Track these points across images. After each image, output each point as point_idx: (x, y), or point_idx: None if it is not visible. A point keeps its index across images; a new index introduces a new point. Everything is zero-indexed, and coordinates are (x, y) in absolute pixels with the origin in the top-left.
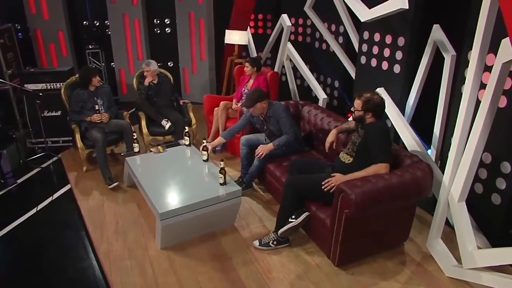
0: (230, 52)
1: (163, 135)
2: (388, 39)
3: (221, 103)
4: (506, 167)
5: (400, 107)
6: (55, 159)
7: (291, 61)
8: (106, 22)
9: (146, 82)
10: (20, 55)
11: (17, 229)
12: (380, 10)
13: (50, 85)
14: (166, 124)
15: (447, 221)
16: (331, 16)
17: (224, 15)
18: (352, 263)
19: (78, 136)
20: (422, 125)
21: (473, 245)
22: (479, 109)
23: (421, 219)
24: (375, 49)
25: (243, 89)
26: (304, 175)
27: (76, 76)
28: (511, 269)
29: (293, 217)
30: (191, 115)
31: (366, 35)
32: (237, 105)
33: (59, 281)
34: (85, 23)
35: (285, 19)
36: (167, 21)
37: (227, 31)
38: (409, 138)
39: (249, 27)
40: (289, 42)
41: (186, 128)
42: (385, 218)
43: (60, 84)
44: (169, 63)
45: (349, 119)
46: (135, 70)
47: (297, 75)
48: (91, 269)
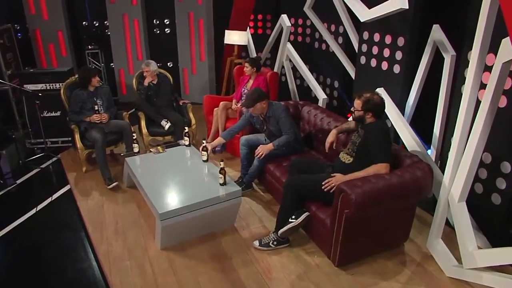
0: (229, 52)
1: (162, 136)
2: (388, 39)
3: (221, 103)
4: (506, 167)
5: (400, 107)
6: (54, 159)
7: (291, 61)
8: (105, 22)
9: (145, 83)
10: (20, 55)
11: (16, 229)
12: (380, 10)
13: (50, 85)
14: (166, 125)
15: (447, 221)
16: (330, 16)
17: (223, 15)
18: (352, 263)
19: (77, 137)
20: (422, 125)
21: (473, 245)
22: (479, 109)
23: (421, 219)
24: (374, 49)
25: (242, 89)
26: (304, 175)
27: (76, 76)
28: (511, 269)
29: (293, 217)
30: (190, 115)
31: (365, 35)
32: (236, 105)
33: (58, 282)
34: (84, 23)
35: (285, 19)
36: (166, 21)
37: (226, 31)
38: (409, 138)
39: (248, 27)
40: (288, 42)
41: (185, 128)
42: (385, 218)
43: (60, 85)
44: (168, 63)
45: (348, 119)
46: (134, 70)
47: (296, 75)
48: (91, 269)
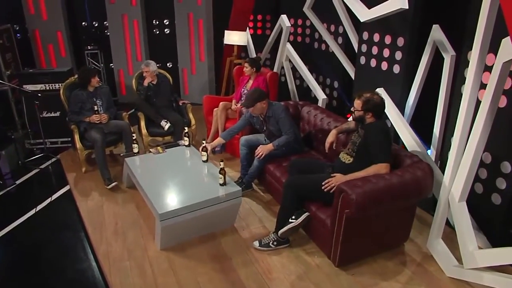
0: (229, 52)
1: (162, 136)
2: (388, 39)
3: (221, 103)
4: (506, 167)
5: (400, 107)
6: (54, 160)
7: (290, 62)
8: (105, 22)
9: (145, 83)
10: (19, 55)
11: (16, 230)
12: (380, 10)
13: (49, 85)
14: (166, 125)
15: (447, 221)
16: (330, 16)
17: (223, 15)
18: (353, 264)
19: (77, 137)
20: (422, 125)
21: (474, 245)
22: (480, 109)
23: (421, 220)
24: (374, 50)
25: (242, 89)
26: (304, 175)
27: (75, 76)
28: (511, 269)
29: (293, 217)
30: (190, 115)
31: (365, 35)
32: (236, 105)
33: (58, 282)
34: (84, 23)
35: (284, 19)
36: (166, 21)
37: (226, 31)
38: (409, 138)
39: (248, 27)
40: (288, 42)
41: (185, 128)
42: (385, 218)
43: (59, 85)
44: (168, 64)
45: (348, 120)
46: (134, 71)
47: (296, 76)
48: (91, 270)
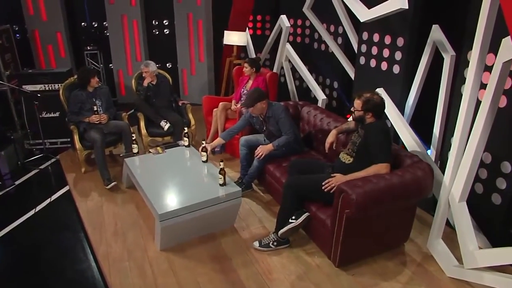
0: (229, 53)
1: (162, 136)
2: (387, 39)
3: (220, 104)
4: (507, 167)
5: (400, 108)
6: (53, 160)
7: (290, 62)
8: (104, 23)
9: (145, 83)
10: (18, 56)
11: (15, 230)
12: (380, 10)
13: (48, 86)
14: (165, 125)
15: (447, 221)
16: (330, 17)
17: (222, 16)
18: (353, 264)
19: (76, 137)
20: (421, 126)
21: (474, 245)
22: (480, 109)
23: (421, 220)
24: (374, 50)
25: (242, 90)
26: (304, 175)
27: (75, 77)
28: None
29: (293, 217)
30: (190, 116)
31: (365, 35)
32: (236, 106)
33: (57, 283)
34: (83, 24)
35: (284, 20)
36: (165, 22)
37: (225, 32)
38: (408, 138)
39: (247, 28)
40: (288, 43)
41: (185, 129)
42: (385, 219)
43: (59, 85)
44: (167, 64)
45: (348, 120)
46: (133, 71)
47: (296, 76)
48: (90, 270)
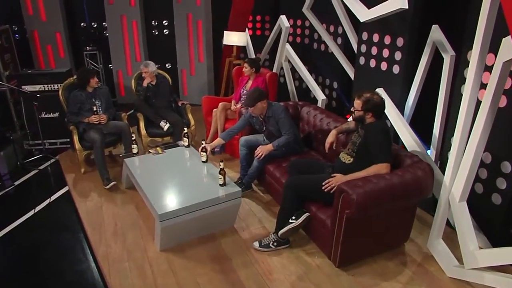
0: (228, 53)
1: (161, 137)
2: (387, 39)
3: (220, 104)
4: (507, 166)
5: (400, 108)
6: (52, 161)
7: (290, 62)
8: (104, 23)
9: (144, 84)
10: (18, 56)
11: (15, 231)
12: (380, 10)
13: (48, 86)
14: (165, 126)
15: (447, 221)
16: (329, 17)
17: (222, 16)
18: (353, 264)
19: (76, 138)
20: (421, 126)
21: (474, 245)
22: (480, 109)
23: (422, 220)
24: (374, 50)
25: (242, 90)
26: (304, 175)
27: (74, 77)
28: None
29: (293, 218)
30: (189, 116)
31: (365, 35)
32: (236, 106)
33: (57, 283)
34: (82, 24)
35: (284, 20)
36: (165, 22)
37: (225, 32)
38: (408, 138)
39: (247, 28)
40: (287, 43)
41: (184, 129)
42: (386, 219)
43: (58, 86)
44: (167, 64)
45: (348, 120)
46: (133, 71)
47: (295, 76)
48: (90, 271)
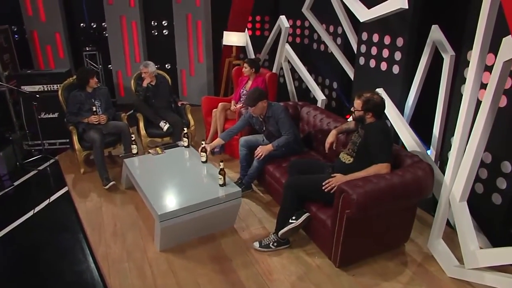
0: (228, 53)
1: (161, 137)
2: (387, 39)
3: (220, 104)
4: (507, 166)
5: (400, 108)
6: (52, 161)
7: (289, 63)
8: (103, 24)
9: (144, 84)
10: (17, 56)
11: (14, 231)
12: (380, 10)
13: (47, 86)
14: (164, 126)
15: (447, 221)
16: (329, 17)
17: (221, 16)
18: (353, 264)
19: (75, 138)
20: (421, 126)
21: (475, 245)
22: (480, 109)
23: (422, 220)
24: (373, 50)
25: (241, 90)
26: (304, 175)
27: (74, 77)
28: None
29: (294, 218)
30: (189, 116)
31: (364, 36)
32: (235, 106)
33: (56, 284)
34: (82, 25)
35: (283, 20)
36: (164, 23)
37: (225, 32)
38: (408, 138)
39: (247, 28)
40: (287, 43)
41: (184, 129)
42: (386, 219)
43: (57, 86)
44: (166, 65)
45: (348, 120)
46: (132, 72)
47: (295, 77)
48: (89, 271)
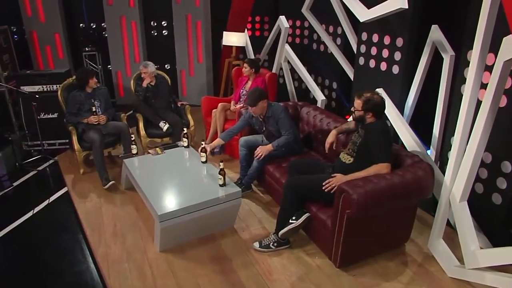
0: (227, 54)
1: (161, 137)
2: (387, 39)
3: (219, 104)
4: (507, 166)
5: (399, 108)
6: (51, 161)
7: (289, 63)
8: (103, 24)
9: (144, 84)
10: (16, 57)
11: (14, 232)
12: (380, 10)
13: (47, 87)
14: (164, 126)
15: (448, 221)
16: (329, 17)
17: (221, 17)
18: (354, 264)
19: (75, 138)
20: (421, 126)
21: (475, 245)
22: (480, 109)
23: (422, 220)
24: (373, 50)
25: (241, 90)
26: (304, 175)
27: (73, 77)
28: None
29: (294, 218)
30: (189, 117)
31: (364, 36)
32: (235, 106)
33: (56, 284)
34: (81, 25)
35: (283, 21)
36: (164, 23)
37: (224, 32)
38: (408, 138)
39: (246, 29)
40: (286, 44)
41: (184, 129)
42: (386, 219)
43: (57, 86)
44: (166, 65)
45: (348, 120)
46: (132, 72)
47: (295, 77)
48: (89, 272)
